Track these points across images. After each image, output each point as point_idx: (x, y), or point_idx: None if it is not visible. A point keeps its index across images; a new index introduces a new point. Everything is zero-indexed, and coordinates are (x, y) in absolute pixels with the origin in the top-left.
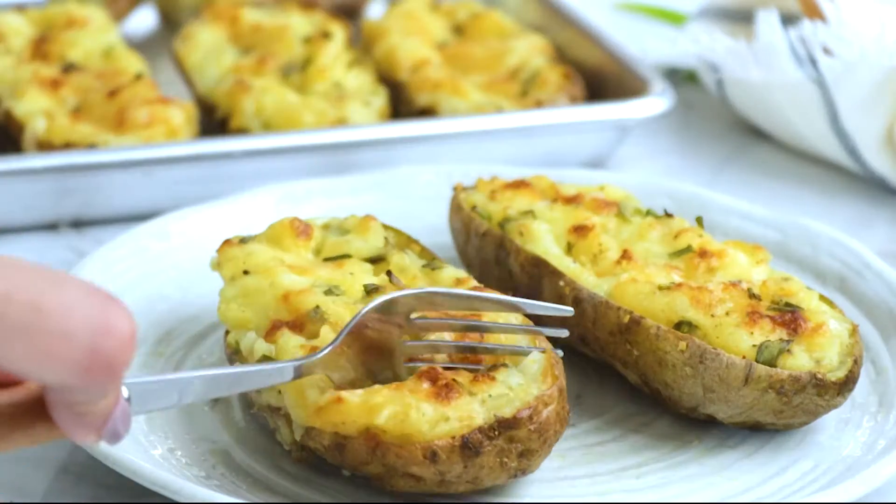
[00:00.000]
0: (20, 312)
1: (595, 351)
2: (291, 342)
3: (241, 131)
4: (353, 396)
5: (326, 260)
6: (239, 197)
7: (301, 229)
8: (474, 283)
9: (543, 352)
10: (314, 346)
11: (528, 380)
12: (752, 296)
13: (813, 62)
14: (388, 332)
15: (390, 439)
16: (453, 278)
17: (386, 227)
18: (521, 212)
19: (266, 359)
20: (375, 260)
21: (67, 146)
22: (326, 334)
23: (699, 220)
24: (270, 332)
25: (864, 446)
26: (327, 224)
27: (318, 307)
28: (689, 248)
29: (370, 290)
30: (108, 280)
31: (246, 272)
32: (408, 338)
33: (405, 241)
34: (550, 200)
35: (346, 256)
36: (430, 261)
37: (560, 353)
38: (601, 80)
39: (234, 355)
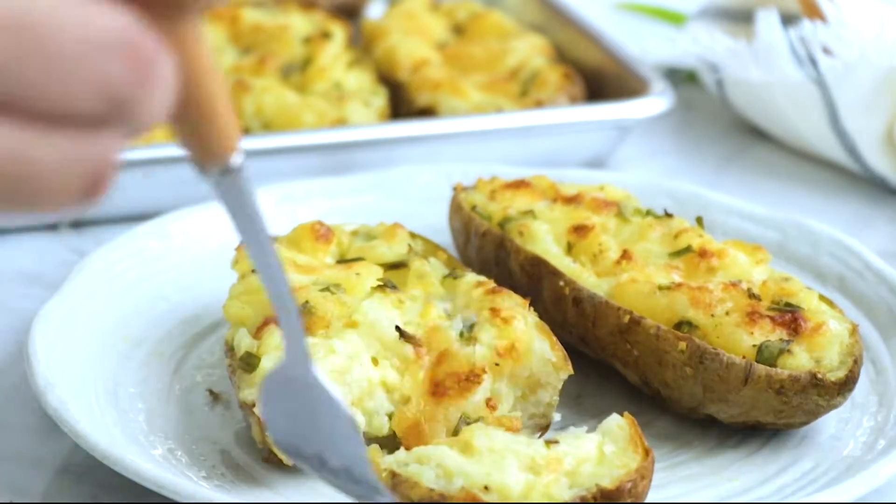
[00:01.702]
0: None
1: (595, 351)
2: (276, 338)
3: (241, 131)
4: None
5: (340, 262)
6: None
7: (321, 233)
8: (492, 285)
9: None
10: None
11: (620, 448)
12: (752, 296)
13: (813, 62)
14: None
15: (490, 500)
16: (473, 283)
17: (413, 235)
18: (521, 212)
19: (248, 355)
20: (397, 266)
21: None
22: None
23: (699, 220)
24: (260, 329)
25: (865, 446)
26: (356, 231)
27: (307, 302)
28: (689, 248)
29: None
30: (108, 280)
31: (254, 270)
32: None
33: (432, 250)
34: (550, 200)
35: (360, 259)
36: (453, 269)
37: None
38: (601, 80)
39: (229, 352)
